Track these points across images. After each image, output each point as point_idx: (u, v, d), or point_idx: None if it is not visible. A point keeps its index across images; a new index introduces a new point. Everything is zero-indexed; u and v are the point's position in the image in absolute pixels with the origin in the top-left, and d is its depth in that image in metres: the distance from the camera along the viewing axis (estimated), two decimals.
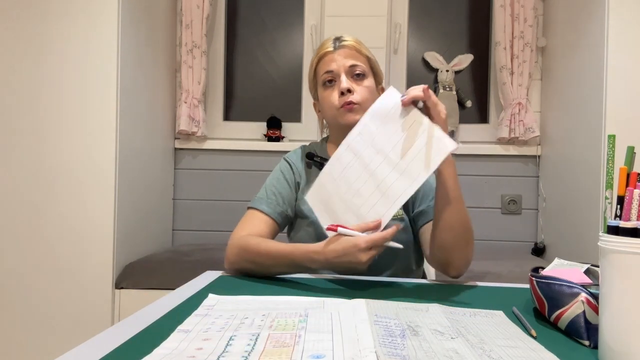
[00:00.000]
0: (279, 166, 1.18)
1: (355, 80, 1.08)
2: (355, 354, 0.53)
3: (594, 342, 0.61)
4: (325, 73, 1.09)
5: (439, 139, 0.86)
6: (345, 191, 0.92)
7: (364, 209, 0.89)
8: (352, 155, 0.94)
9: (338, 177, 0.94)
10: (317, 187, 0.96)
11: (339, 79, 1.07)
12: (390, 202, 0.87)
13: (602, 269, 0.54)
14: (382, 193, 0.88)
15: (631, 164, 0.57)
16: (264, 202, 1.10)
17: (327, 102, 1.09)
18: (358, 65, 1.08)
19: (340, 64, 1.07)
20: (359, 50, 1.10)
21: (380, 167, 0.90)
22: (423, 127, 0.88)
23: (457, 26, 2.50)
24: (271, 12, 2.54)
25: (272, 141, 2.40)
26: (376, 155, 0.91)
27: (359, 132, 0.95)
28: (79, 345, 0.57)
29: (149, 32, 2.10)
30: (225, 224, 2.41)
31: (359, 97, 1.06)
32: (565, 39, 2.10)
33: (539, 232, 2.34)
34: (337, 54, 1.08)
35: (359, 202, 0.90)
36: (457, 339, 0.60)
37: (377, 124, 0.93)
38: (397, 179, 0.87)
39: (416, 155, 0.87)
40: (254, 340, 0.58)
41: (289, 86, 2.53)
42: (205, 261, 1.90)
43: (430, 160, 0.86)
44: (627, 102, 1.71)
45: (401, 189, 0.86)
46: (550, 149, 2.23)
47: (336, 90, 1.07)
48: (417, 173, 0.86)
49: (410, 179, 0.86)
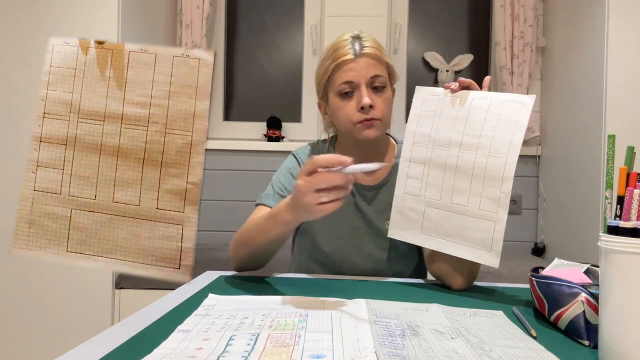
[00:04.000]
0: (286, 162, 1.14)
1: (375, 93, 1.01)
2: (355, 353, 0.53)
3: (594, 342, 0.61)
4: (343, 83, 1.00)
5: (511, 101, 0.85)
6: (440, 198, 0.89)
7: (473, 203, 0.85)
8: (420, 166, 0.91)
9: (422, 192, 0.91)
10: (396, 219, 0.94)
11: (358, 90, 1.00)
12: (499, 179, 0.83)
13: (602, 269, 0.54)
14: (482, 177, 0.85)
15: (631, 164, 0.57)
16: (270, 198, 1.07)
17: (342, 113, 1.02)
18: (380, 77, 1.00)
19: (361, 74, 0.99)
20: (380, 59, 1.02)
21: (462, 156, 0.87)
22: (486, 99, 0.87)
23: (457, 26, 2.50)
24: (271, 12, 2.54)
25: (272, 141, 2.40)
26: (449, 149, 0.89)
27: (413, 142, 0.93)
28: (79, 345, 0.57)
29: (149, 32, 2.10)
30: (226, 224, 2.41)
31: (380, 113, 1.00)
32: (565, 39, 2.10)
33: (539, 232, 2.34)
34: (357, 62, 0.99)
35: (462, 199, 0.86)
36: (457, 339, 0.60)
37: (430, 124, 0.92)
38: (489, 156, 0.84)
39: (496, 126, 0.85)
40: (254, 340, 0.58)
41: (289, 86, 2.52)
42: (205, 261, 1.90)
43: (516, 121, 0.84)
44: (627, 102, 1.71)
45: (500, 162, 0.83)
46: (550, 149, 2.23)
47: (354, 102, 1.00)
48: (508, 139, 0.83)
49: (504, 146, 0.84)
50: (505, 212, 0.82)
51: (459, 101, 0.91)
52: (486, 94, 0.89)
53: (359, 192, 1.09)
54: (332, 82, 1.03)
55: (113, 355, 0.54)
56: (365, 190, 1.09)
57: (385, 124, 1.04)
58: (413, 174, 0.93)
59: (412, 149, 0.94)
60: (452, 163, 0.88)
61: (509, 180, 0.83)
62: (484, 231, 0.84)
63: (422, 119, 0.94)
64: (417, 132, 0.94)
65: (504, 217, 0.83)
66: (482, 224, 0.84)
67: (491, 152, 0.85)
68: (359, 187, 1.09)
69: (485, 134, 0.86)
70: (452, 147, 0.89)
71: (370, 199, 1.09)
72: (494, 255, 0.83)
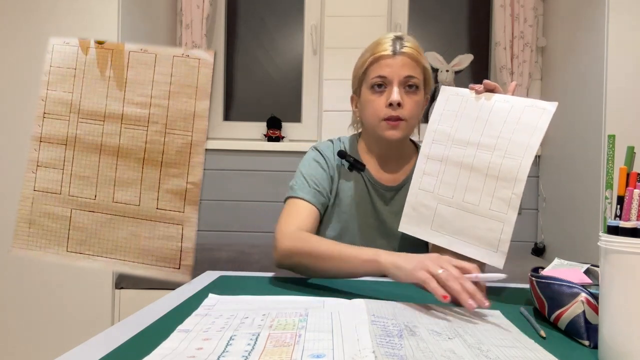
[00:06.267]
0: (311, 156, 1.12)
1: (407, 93, 1.02)
2: (355, 353, 0.53)
3: (594, 342, 0.61)
4: (377, 77, 1.02)
5: (532, 106, 0.86)
6: (452, 196, 0.89)
7: (484, 203, 0.86)
8: (437, 164, 0.92)
9: (436, 189, 0.91)
10: (408, 214, 0.94)
11: (390, 86, 1.01)
12: (512, 180, 0.83)
13: (602, 269, 0.54)
14: (496, 177, 0.85)
15: (631, 164, 0.57)
16: (307, 191, 1.04)
17: (371, 107, 1.03)
18: (413, 78, 1.01)
19: (395, 71, 1.00)
20: (417, 60, 1.02)
21: (478, 156, 0.88)
22: (508, 103, 0.88)
23: (457, 26, 2.50)
24: (271, 12, 2.54)
25: (272, 141, 2.40)
26: (466, 149, 0.89)
27: (432, 140, 0.94)
28: (79, 345, 0.57)
29: (149, 32, 2.10)
30: (226, 224, 2.41)
31: (407, 113, 1.01)
32: (565, 39, 2.10)
33: (539, 232, 2.34)
34: (394, 59, 1.01)
35: (474, 198, 0.87)
36: (454, 339, 0.60)
37: (451, 123, 0.92)
38: (505, 157, 0.85)
39: (515, 128, 0.85)
40: (254, 339, 0.58)
41: (289, 86, 2.52)
42: (205, 261, 1.90)
43: (535, 125, 0.84)
44: (627, 102, 1.71)
45: (515, 164, 0.83)
46: (550, 149, 2.23)
47: (384, 97, 1.02)
48: (525, 142, 0.84)
49: (520, 148, 0.84)
50: (515, 214, 0.83)
51: (481, 102, 0.91)
52: (509, 98, 0.89)
53: (378, 191, 1.10)
54: (367, 75, 1.05)
55: (113, 355, 0.54)
56: (385, 191, 1.10)
57: (410, 127, 1.04)
58: (429, 170, 0.94)
59: (431, 146, 0.94)
60: (468, 162, 0.89)
61: (522, 182, 0.83)
62: (492, 231, 0.84)
63: (444, 118, 0.94)
64: (438, 130, 0.94)
65: (513, 218, 0.83)
66: (491, 224, 0.85)
67: (507, 154, 0.85)
68: (378, 187, 1.09)
69: (504, 135, 0.86)
70: (470, 147, 0.89)
71: (388, 200, 1.10)
72: (500, 256, 0.83)
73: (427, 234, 0.92)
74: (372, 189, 1.10)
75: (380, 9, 2.30)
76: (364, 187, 1.10)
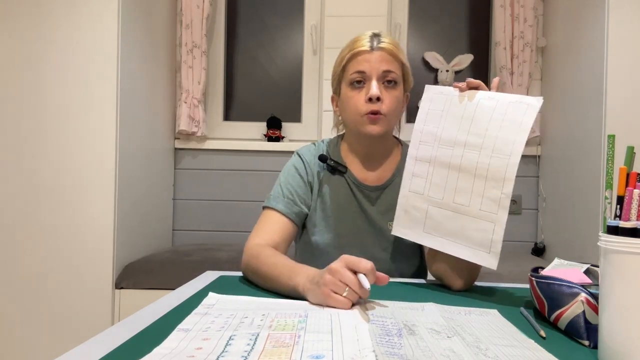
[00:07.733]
0: (292, 162, 1.12)
1: (386, 88, 1.02)
2: (355, 353, 0.53)
3: (594, 342, 0.61)
4: (355, 72, 1.02)
5: (517, 102, 0.86)
6: (443, 197, 0.90)
7: (475, 204, 0.86)
8: (426, 165, 0.92)
9: (426, 191, 0.92)
10: (400, 217, 0.95)
11: (369, 82, 1.01)
12: (501, 180, 0.84)
13: (602, 269, 0.54)
14: (485, 177, 0.85)
15: (631, 164, 0.57)
16: (280, 201, 1.05)
17: (351, 103, 1.03)
18: (392, 72, 1.01)
19: (373, 66, 1.01)
20: (395, 55, 1.03)
21: (466, 156, 0.88)
22: (493, 100, 0.88)
23: (457, 26, 2.50)
24: (271, 12, 2.54)
25: (272, 141, 2.40)
26: (453, 149, 0.89)
27: (419, 141, 0.94)
28: (79, 345, 0.57)
29: (149, 32, 2.10)
30: (225, 224, 2.41)
31: (386, 108, 1.01)
32: (565, 39, 2.10)
33: (539, 232, 2.34)
34: (372, 54, 1.01)
35: (464, 199, 0.87)
36: (453, 338, 0.60)
37: (437, 123, 0.92)
38: (492, 156, 0.85)
39: (501, 125, 0.86)
40: (253, 340, 0.58)
41: (289, 86, 2.52)
42: (205, 261, 1.90)
43: (520, 122, 0.84)
44: (627, 102, 1.71)
45: (502, 163, 0.84)
46: (550, 149, 2.23)
47: (363, 93, 1.02)
48: (512, 139, 0.84)
49: (507, 146, 0.84)
50: (505, 214, 0.83)
51: (466, 101, 0.91)
52: (494, 95, 0.89)
53: (363, 192, 1.09)
54: (346, 72, 1.05)
55: (113, 355, 0.54)
56: (369, 191, 1.09)
57: (391, 122, 1.04)
58: (418, 172, 0.94)
59: (418, 147, 0.94)
60: (456, 163, 0.89)
61: (510, 181, 0.83)
62: (483, 232, 0.84)
63: (429, 118, 0.94)
64: (424, 130, 0.94)
65: (503, 218, 0.83)
66: (482, 224, 0.85)
67: (494, 153, 0.85)
68: (363, 187, 1.09)
69: (490, 133, 0.86)
70: (457, 147, 0.89)
71: (374, 200, 1.09)
72: (493, 257, 0.83)
73: (419, 236, 0.92)
74: (357, 190, 1.09)
75: (380, 9, 2.31)
76: (347, 189, 1.10)
